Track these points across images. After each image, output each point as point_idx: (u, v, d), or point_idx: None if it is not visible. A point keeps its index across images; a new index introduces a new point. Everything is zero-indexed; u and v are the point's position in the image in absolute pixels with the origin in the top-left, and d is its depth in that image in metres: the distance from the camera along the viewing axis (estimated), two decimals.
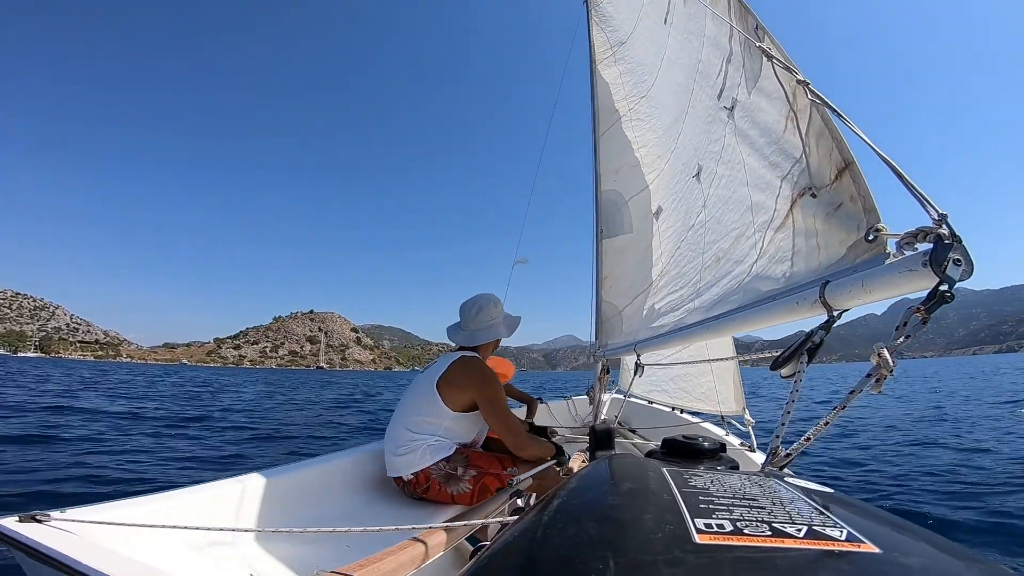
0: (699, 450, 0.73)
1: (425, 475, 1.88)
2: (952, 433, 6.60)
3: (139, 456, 5.06)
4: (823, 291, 0.90)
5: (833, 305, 0.89)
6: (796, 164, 1.20)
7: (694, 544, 0.34)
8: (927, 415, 8.78)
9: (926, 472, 4.30)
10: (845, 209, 0.96)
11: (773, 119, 1.36)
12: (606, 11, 2.67)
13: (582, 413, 3.46)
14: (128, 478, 4.10)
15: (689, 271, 2.10)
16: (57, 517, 1.02)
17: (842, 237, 0.96)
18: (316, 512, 1.72)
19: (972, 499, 3.46)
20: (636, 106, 2.67)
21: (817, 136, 1.08)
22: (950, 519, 3.05)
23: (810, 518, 0.39)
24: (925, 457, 5.06)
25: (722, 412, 3.00)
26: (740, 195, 1.65)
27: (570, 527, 0.40)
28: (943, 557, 0.34)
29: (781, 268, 1.24)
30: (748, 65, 1.52)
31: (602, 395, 2.77)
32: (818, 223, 1.06)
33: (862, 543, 0.34)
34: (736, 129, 1.65)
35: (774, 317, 1.10)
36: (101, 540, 1.02)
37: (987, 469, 4.38)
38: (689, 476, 0.51)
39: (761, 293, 1.26)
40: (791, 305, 1.01)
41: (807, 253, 1.11)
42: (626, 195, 2.80)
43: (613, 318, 2.79)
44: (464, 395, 1.89)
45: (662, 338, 1.88)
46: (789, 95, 1.22)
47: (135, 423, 7.61)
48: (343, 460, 2.01)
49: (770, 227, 1.35)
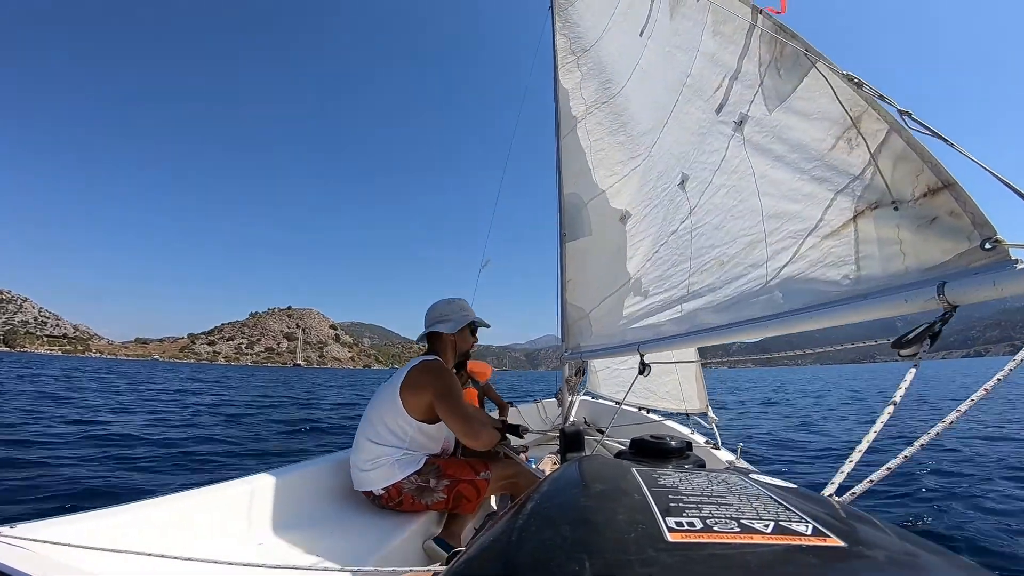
0: (667, 449, 0.75)
1: (397, 489, 1.82)
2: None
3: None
4: (942, 289, 1.02)
5: (953, 301, 1.02)
6: (855, 180, 1.35)
7: (666, 543, 0.35)
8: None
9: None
10: (943, 222, 1.12)
11: (812, 137, 1.51)
12: (571, 17, 2.68)
13: (551, 415, 3.45)
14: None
15: (675, 274, 2.23)
16: (7, 533, 1.01)
17: (945, 247, 1.11)
18: (286, 524, 1.68)
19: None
20: (597, 112, 2.74)
21: (895, 157, 1.23)
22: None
23: (776, 514, 0.41)
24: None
25: (687, 410, 3.26)
26: (751, 204, 1.80)
27: (545, 530, 0.40)
28: (906, 548, 0.36)
29: (840, 271, 1.38)
30: (770, 84, 1.66)
31: (571, 397, 2.79)
32: (902, 233, 1.21)
33: (827, 537, 0.36)
34: (747, 143, 1.79)
35: (865, 314, 1.22)
36: (56, 556, 1.01)
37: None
38: (658, 475, 0.52)
39: (824, 294, 1.39)
40: (897, 302, 1.13)
41: (883, 258, 1.26)
42: (586, 198, 2.86)
43: (580, 320, 2.83)
44: (423, 398, 1.86)
45: (677, 338, 1.96)
46: (845, 117, 1.36)
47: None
48: (310, 469, 1.95)
49: (813, 234, 1.50)
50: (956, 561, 0.35)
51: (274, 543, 1.58)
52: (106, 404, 10.32)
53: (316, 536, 1.64)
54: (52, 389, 13.47)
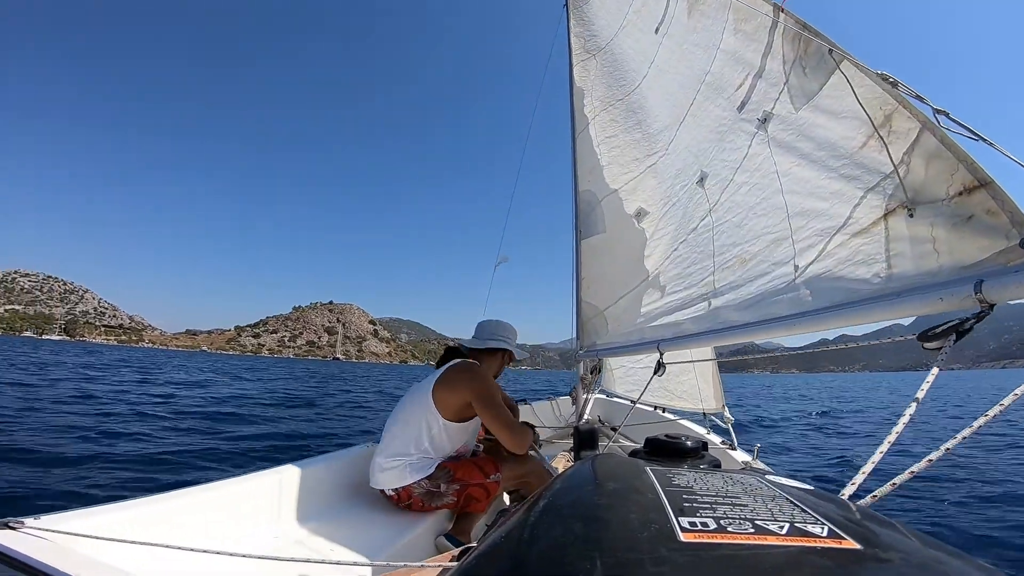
0: (682, 449, 0.74)
1: (406, 492, 1.86)
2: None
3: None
4: (979, 287, 1.03)
5: (990, 299, 1.03)
6: (887, 178, 1.36)
7: (679, 542, 0.35)
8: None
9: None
10: (979, 220, 1.12)
11: (840, 135, 1.51)
12: (586, 15, 2.68)
13: (566, 413, 3.46)
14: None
15: (696, 272, 2.23)
16: (31, 524, 1.03)
17: (982, 244, 1.12)
18: (300, 518, 1.73)
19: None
20: (612, 108, 2.73)
21: (928, 156, 1.23)
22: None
23: (791, 515, 0.40)
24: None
25: (704, 410, 3.26)
26: (775, 202, 1.81)
27: (556, 527, 0.40)
28: (923, 552, 0.36)
29: (871, 269, 1.39)
30: (795, 83, 1.67)
31: (585, 395, 2.80)
32: (936, 231, 1.22)
33: (843, 539, 0.35)
34: (772, 140, 1.80)
35: (899, 311, 1.23)
36: (77, 547, 1.03)
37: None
38: (673, 475, 0.52)
39: (856, 292, 1.40)
40: (932, 300, 1.14)
41: (916, 256, 1.27)
42: (600, 195, 2.86)
43: (595, 318, 2.83)
44: (457, 397, 1.88)
45: (701, 336, 1.97)
46: (875, 116, 1.37)
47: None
48: (328, 464, 1.99)
49: (841, 232, 1.51)
50: (975, 565, 0.34)
51: (289, 536, 1.62)
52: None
53: (330, 530, 1.68)
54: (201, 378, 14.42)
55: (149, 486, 3.49)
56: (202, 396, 10.58)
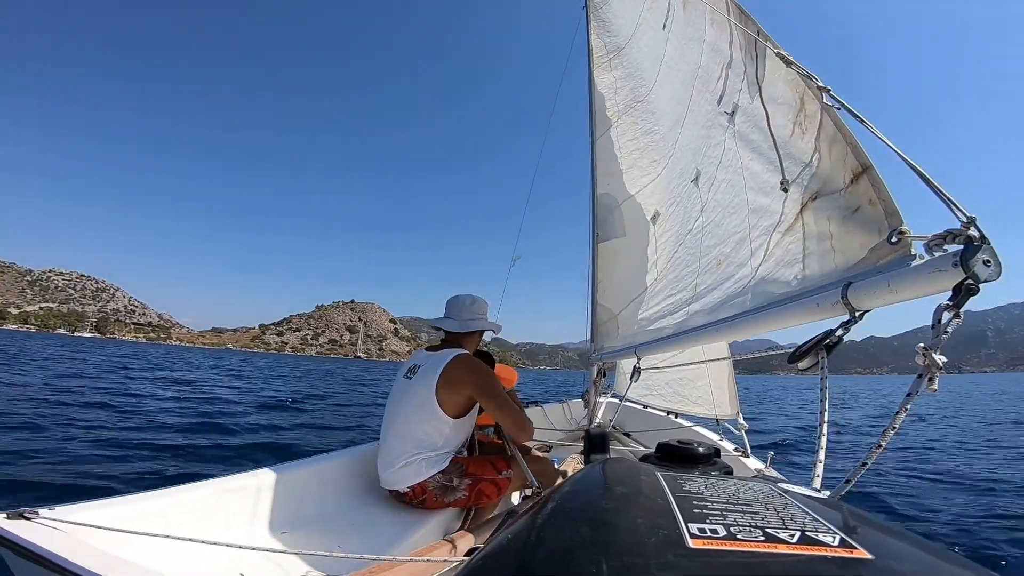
0: (694, 455, 0.73)
1: (421, 488, 1.86)
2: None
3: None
4: (845, 292, 0.90)
5: (856, 306, 0.90)
6: (805, 168, 1.22)
7: (687, 549, 0.34)
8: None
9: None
10: (864, 212, 0.98)
11: (777, 123, 1.38)
12: (605, 16, 2.69)
13: (577, 416, 3.46)
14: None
15: (687, 275, 2.12)
16: (45, 515, 1.03)
17: (862, 240, 0.97)
18: (310, 514, 1.73)
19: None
20: (632, 111, 2.69)
21: (829, 141, 1.10)
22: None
23: (803, 523, 0.39)
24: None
25: (717, 416, 3.04)
26: (741, 199, 1.67)
27: (564, 530, 0.40)
28: (937, 563, 0.34)
29: (792, 271, 1.25)
30: (749, 71, 1.54)
31: (597, 398, 2.77)
32: (833, 226, 1.07)
33: (855, 549, 0.34)
34: (737, 134, 1.67)
35: (790, 319, 1.10)
36: (91, 539, 1.02)
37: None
38: (683, 481, 0.51)
39: (773, 295, 1.27)
40: (810, 307, 1.02)
41: (820, 255, 1.12)
42: (619, 199, 2.81)
43: (608, 322, 2.80)
44: (460, 395, 1.87)
45: (664, 341, 1.89)
46: (796, 100, 1.24)
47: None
48: (337, 461, 2.01)
49: (776, 230, 1.37)
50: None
51: (297, 532, 1.62)
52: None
53: (338, 527, 1.70)
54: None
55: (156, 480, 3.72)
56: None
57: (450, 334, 2.15)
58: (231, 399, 9.93)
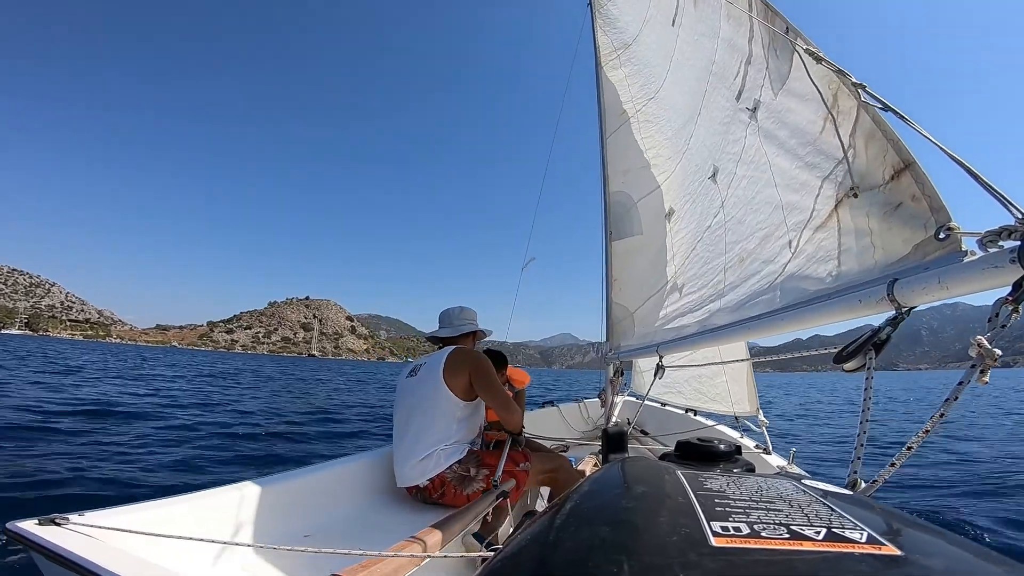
0: (714, 453, 0.71)
1: (440, 479, 1.92)
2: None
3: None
4: (891, 288, 0.90)
5: (903, 302, 0.89)
6: (839, 164, 1.21)
7: (710, 547, 0.34)
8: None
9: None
10: (906, 208, 0.97)
11: (806, 120, 1.37)
12: (611, 13, 2.68)
13: (593, 415, 3.45)
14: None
15: (708, 272, 2.11)
16: (75, 520, 1.04)
17: (906, 236, 0.97)
18: (326, 518, 1.77)
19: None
20: (644, 108, 2.68)
21: (867, 137, 1.09)
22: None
23: (829, 520, 0.38)
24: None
25: (736, 413, 3.03)
26: (766, 196, 1.66)
27: (583, 530, 0.39)
28: (967, 558, 0.34)
29: (826, 267, 1.24)
30: (773, 67, 1.54)
31: (614, 397, 2.77)
32: (872, 222, 1.07)
33: (883, 545, 0.33)
34: (760, 130, 1.66)
35: (828, 316, 1.10)
36: (119, 543, 1.04)
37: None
38: (705, 479, 0.50)
39: (805, 292, 1.27)
40: (852, 303, 1.01)
41: (859, 252, 1.12)
42: (635, 197, 2.81)
43: (624, 320, 2.79)
44: (464, 377, 1.99)
45: (688, 340, 1.88)
46: (827, 97, 1.23)
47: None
48: (351, 465, 2.05)
49: (807, 227, 1.36)
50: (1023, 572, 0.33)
51: (318, 534, 1.66)
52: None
53: (358, 529, 1.73)
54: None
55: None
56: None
57: (446, 339, 2.31)
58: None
